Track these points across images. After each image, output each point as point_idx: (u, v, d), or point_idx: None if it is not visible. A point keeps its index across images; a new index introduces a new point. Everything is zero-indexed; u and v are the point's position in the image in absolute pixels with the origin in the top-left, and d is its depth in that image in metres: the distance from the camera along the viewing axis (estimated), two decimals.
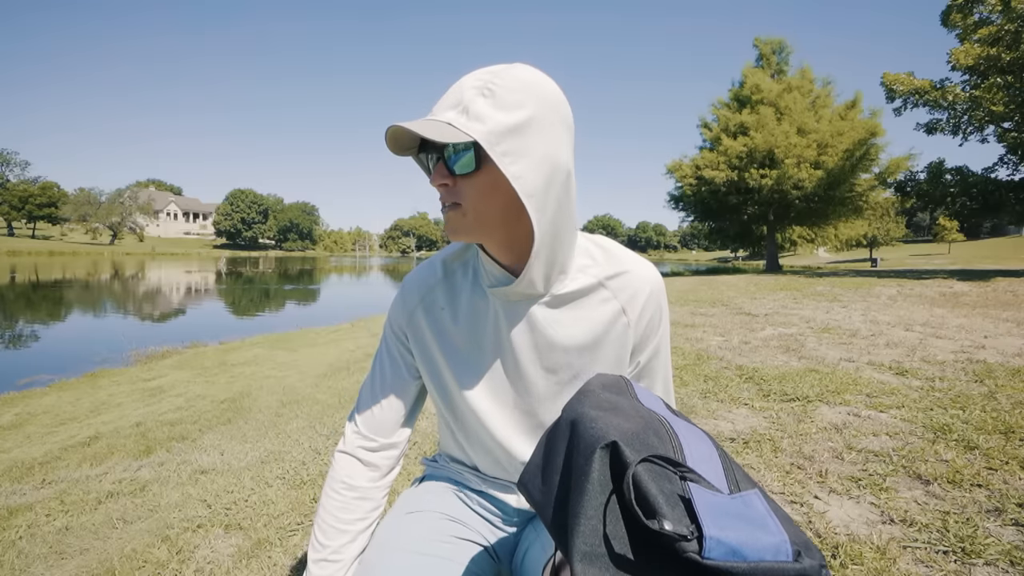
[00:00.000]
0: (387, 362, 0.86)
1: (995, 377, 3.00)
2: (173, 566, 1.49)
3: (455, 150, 0.65)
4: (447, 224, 0.70)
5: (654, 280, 0.78)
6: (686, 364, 3.61)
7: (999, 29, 12.84)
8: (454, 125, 0.63)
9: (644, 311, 0.77)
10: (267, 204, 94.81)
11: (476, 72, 0.67)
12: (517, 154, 0.63)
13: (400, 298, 0.85)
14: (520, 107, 0.64)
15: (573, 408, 0.54)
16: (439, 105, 0.66)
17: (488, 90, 0.63)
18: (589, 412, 0.51)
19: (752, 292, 9.13)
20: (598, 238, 0.81)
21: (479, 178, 0.67)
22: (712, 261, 75.61)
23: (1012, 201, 15.34)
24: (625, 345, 0.77)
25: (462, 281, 0.81)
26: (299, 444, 2.47)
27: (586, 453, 0.46)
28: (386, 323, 0.88)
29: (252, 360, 5.19)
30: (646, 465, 0.42)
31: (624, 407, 0.52)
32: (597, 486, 0.44)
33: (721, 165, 21.61)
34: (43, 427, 3.41)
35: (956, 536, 1.41)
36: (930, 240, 58.07)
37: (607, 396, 0.55)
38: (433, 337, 0.81)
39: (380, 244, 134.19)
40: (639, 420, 0.50)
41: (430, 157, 0.69)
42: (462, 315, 0.79)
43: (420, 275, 0.84)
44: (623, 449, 0.44)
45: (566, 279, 0.75)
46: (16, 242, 61.23)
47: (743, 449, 2.11)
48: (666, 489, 0.41)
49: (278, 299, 16.07)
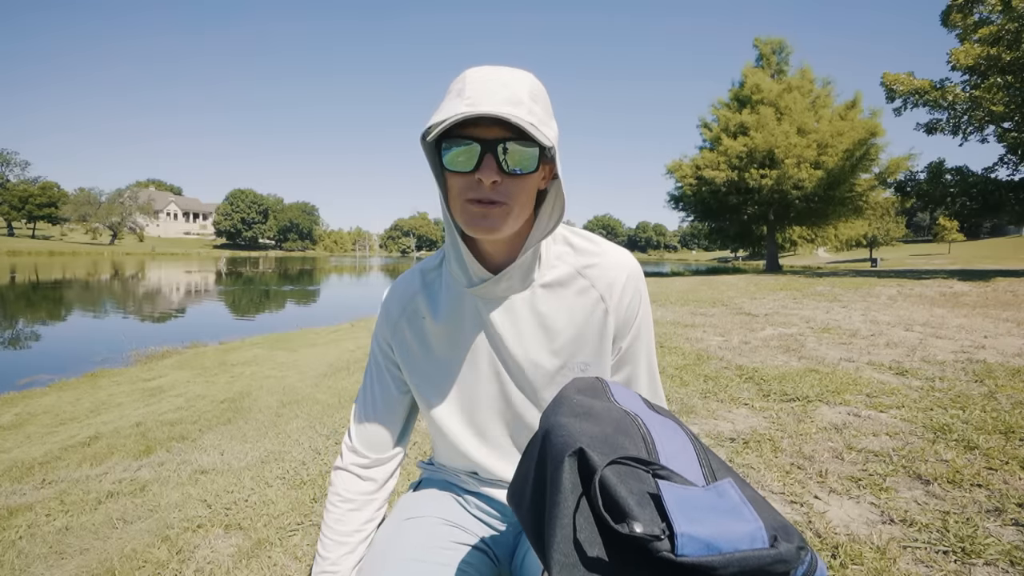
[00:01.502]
0: (376, 379, 0.87)
1: (995, 377, 3.00)
2: (173, 566, 1.49)
3: (523, 148, 0.64)
4: (488, 221, 0.67)
5: (630, 266, 0.79)
6: (686, 364, 3.61)
7: (999, 29, 12.84)
8: (535, 125, 0.63)
9: (623, 297, 0.78)
10: (267, 204, 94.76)
11: (500, 73, 0.65)
12: (557, 155, 0.69)
13: (383, 311, 0.85)
14: (552, 117, 0.69)
15: (547, 418, 0.54)
16: (489, 98, 0.62)
17: (538, 97, 0.67)
18: (560, 420, 0.51)
19: (752, 292, 9.13)
20: (573, 228, 0.83)
21: (529, 179, 0.68)
22: (712, 261, 75.62)
23: (1012, 201, 15.34)
24: (606, 332, 0.78)
25: (439, 287, 0.82)
26: (299, 444, 2.47)
27: (555, 463, 0.46)
28: (373, 338, 0.88)
29: (252, 360, 5.19)
30: (614, 467, 0.42)
31: (597, 411, 0.52)
32: (568, 494, 0.44)
33: (721, 165, 21.62)
34: (43, 427, 3.41)
35: (956, 536, 1.41)
36: (930, 240, 58.09)
37: (581, 400, 0.54)
38: (418, 346, 0.82)
39: (380, 244, 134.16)
40: (610, 422, 0.49)
41: (452, 148, 0.65)
42: (443, 319, 0.80)
43: (400, 286, 0.85)
44: (589, 455, 0.44)
45: (544, 268, 0.77)
46: (16, 242, 61.24)
47: (743, 449, 2.11)
48: (635, 489, 0.41)
49: (278, 299, 16.08)
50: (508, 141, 0.64)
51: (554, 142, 0.66)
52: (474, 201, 0.67)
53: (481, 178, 0.64)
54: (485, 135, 0.64)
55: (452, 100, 0.65)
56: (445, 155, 0.66)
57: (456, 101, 0.63)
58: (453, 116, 0.61)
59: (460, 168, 0.66)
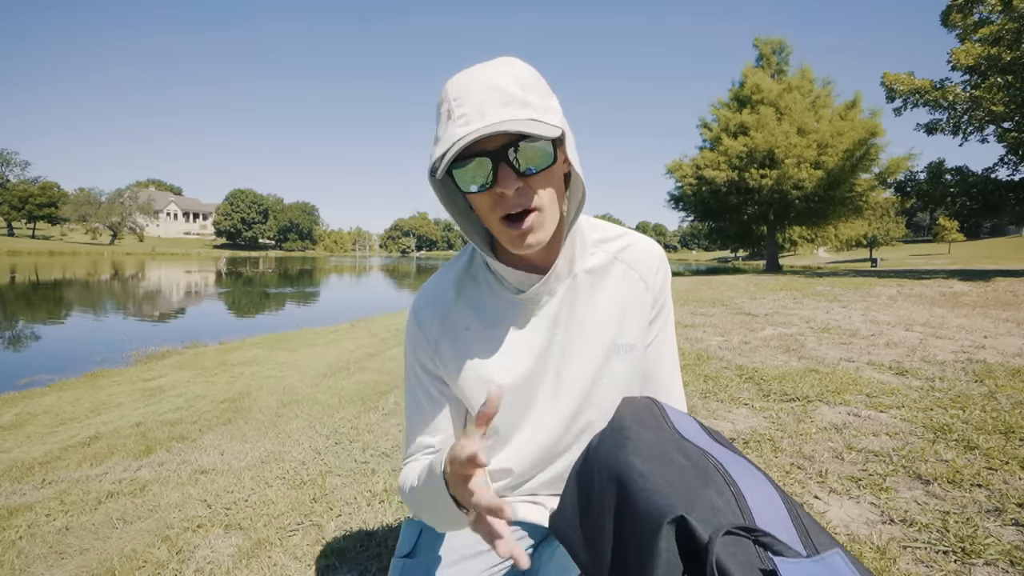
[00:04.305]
0: (423, 395, 0.81)
1: (995, 377, 2.99)
2: (173, 566, 1.49)
3: (533, 144, 0.61)
4: (532, 237, 0.65)
5: (657, 247, 0.83)
6: (686, 364, 3.60)
7: (999, 29, 12.83)
8: (537, 119, 0.60)
9: (657, 276, 0.81)
10: (267, 204, 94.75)
11: (483, 77, 0.62)
12: (569, 135, 0.66)
13: (419, 329, 0.79)
14: (551, 94, 0.66)
15: (613, 456, 0.50)
16: (481, 111, 0.59)
17: (525, 83, 0.62)
18: (633, 463, 0.47)
19: (752, 292, 9.13)
20: (587, 218, 0.82)
21: (551, 173, 0.65)
22: (712, 261, 75.59)
23: (1012, 201, 15.33)
24: (646, 312, 0.80)
25: (478, 296, 0.79)
26: (299, 444, 2.47)
27: (649, 527, 0.42)
28: (409, 362, 0.82)
29: (252, 360, 5.19)
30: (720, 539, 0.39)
31: (669, 451, 0.48)
32: (665, 567, 0.40)
33: (721, 165, 21.61)
34: (43, 427, 3.41)
35: (956, 536, 1.41)
36: (930, 240, 58.09)
37: (647, 438, 0.51)
38: (465, 359, 0.78)
39: (380, 244, 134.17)
40: (689, 467, 0.46)
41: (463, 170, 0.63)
42: (491, 329, 0.77)
43: (433, 299, 0.80)
44: (693, 525, 0.40)
45: (584, 255, 0.77)
46: (16, 242, 61.22)
47: (743, 449, 2.11)
48: (743, 562, 0.37)
49: (278, 299, 16.07)
50: (516, 143, 0.61)
51: (560, 124, 0.62)
52: (508, 221, 0.64)
53: (503, 191, 0.62)
54: (490, 146, 0.61)
55: (444, 124, 0.62)
56: (459, 180, 0.64)
57: (448, 124, 0.61)
58: (453, 146, 0.59)
59: (478, 187, 0.63)
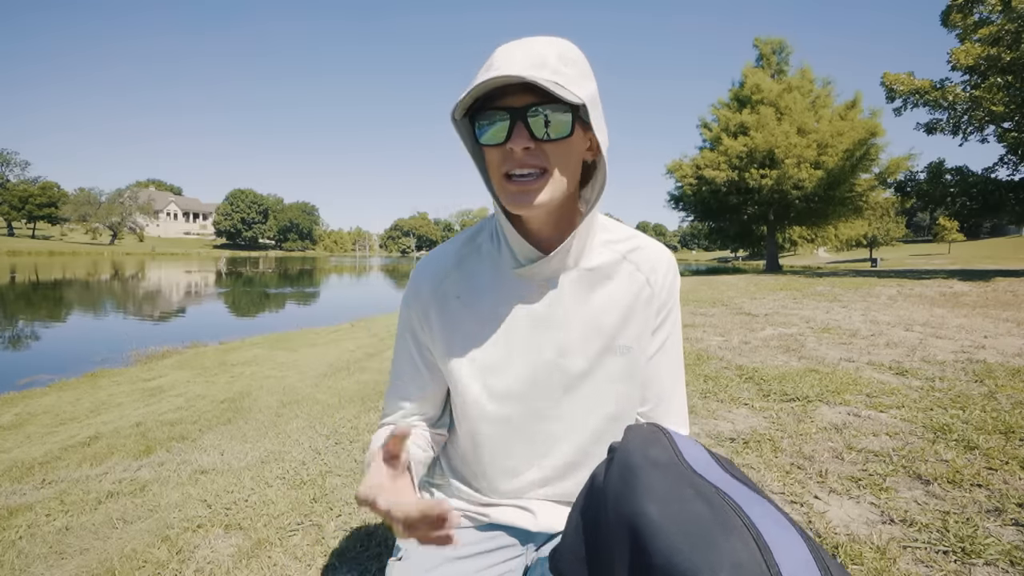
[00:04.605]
0: (407, 365, 0.82)
1: (995, 377, 2.99)
2: (173, 566, 1.49)
3: (553, 112, 0.62)
4: (524, 193, 0.65)
5: (668, 253, 0.82)
6: (686, 364, 3.59)
7: (999, 29, 12.83)
8: (562, 85, 0.61)
9: (664, 281, 0.79)
10: (267, 204, 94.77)
11: (530, 41, 0.64)
12: (601, 121, 0.66)
13: (413, 289, 0.80)
14: (591, 79, 0.66)
15: (623, 498, 0.48)
16: (510, 64, 0.61)
17: (569, 59, 0.63)
18: (649, 512, 0.44)
19: (752, 292, 9.13)
20: (607, 217, 0.83)
21: (568, 144, 0.65)
22: (712, 261, 75.61)
23: (1012, 201, 15.34)
24: (649, 315, 0.78)
25: (477, 265, 0.78)
26: (299, 444, 2.47)
27: None
28: (401, 325, 0.83)
29: (252, 360, 5.18)
30: None
31: (684, 493, 0.46)
32: None
33: (721, 165, 21.62)
34: (43, 427, 3.40)
35: (956, 536, 1.41)
36: (930, 240, 58.10)
37: (658, 477, 0.48)
38: (450, 330, 0.78)
39: (380, 244, 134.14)
40: (707, 512, 0.44)
41: (484, 122, 0.64)
42: (482, 301, 0.76)
43: (431, 264, 0.80)
44: None
45: (592, 252, 0.77)
46: (16, 242, 61.21)
47: (743, 449, 2.11)
48: None
49: (278, 299, 16.07)
50: (537, 106, 0.62)
51: (587, 100, 0.62)
52: (509, 177, 0.65)
53: (513, 147, 0.63)
54: (514, 103, 0.62)
55: (478, 74, 0.63)
56: (479, 131, 0.65)
57: (480, 74, 0.62)
58: (473, 85, 0.60)
59: (493, 141, 0.65)
